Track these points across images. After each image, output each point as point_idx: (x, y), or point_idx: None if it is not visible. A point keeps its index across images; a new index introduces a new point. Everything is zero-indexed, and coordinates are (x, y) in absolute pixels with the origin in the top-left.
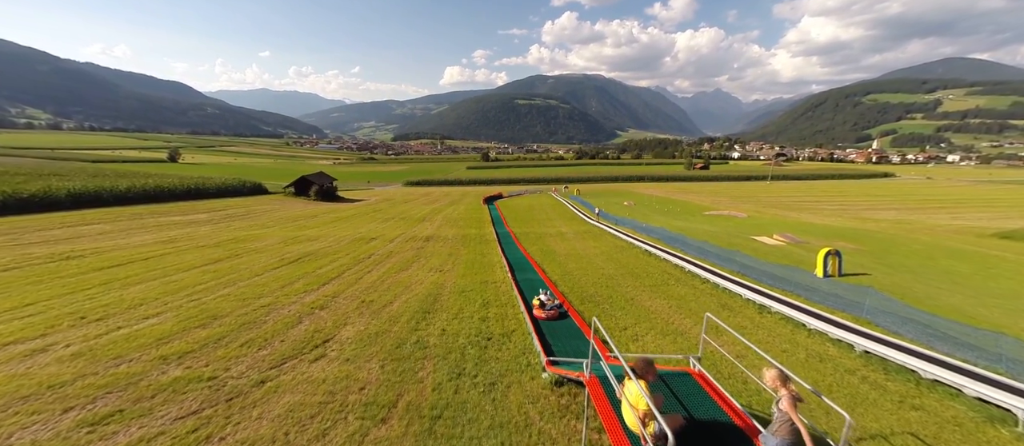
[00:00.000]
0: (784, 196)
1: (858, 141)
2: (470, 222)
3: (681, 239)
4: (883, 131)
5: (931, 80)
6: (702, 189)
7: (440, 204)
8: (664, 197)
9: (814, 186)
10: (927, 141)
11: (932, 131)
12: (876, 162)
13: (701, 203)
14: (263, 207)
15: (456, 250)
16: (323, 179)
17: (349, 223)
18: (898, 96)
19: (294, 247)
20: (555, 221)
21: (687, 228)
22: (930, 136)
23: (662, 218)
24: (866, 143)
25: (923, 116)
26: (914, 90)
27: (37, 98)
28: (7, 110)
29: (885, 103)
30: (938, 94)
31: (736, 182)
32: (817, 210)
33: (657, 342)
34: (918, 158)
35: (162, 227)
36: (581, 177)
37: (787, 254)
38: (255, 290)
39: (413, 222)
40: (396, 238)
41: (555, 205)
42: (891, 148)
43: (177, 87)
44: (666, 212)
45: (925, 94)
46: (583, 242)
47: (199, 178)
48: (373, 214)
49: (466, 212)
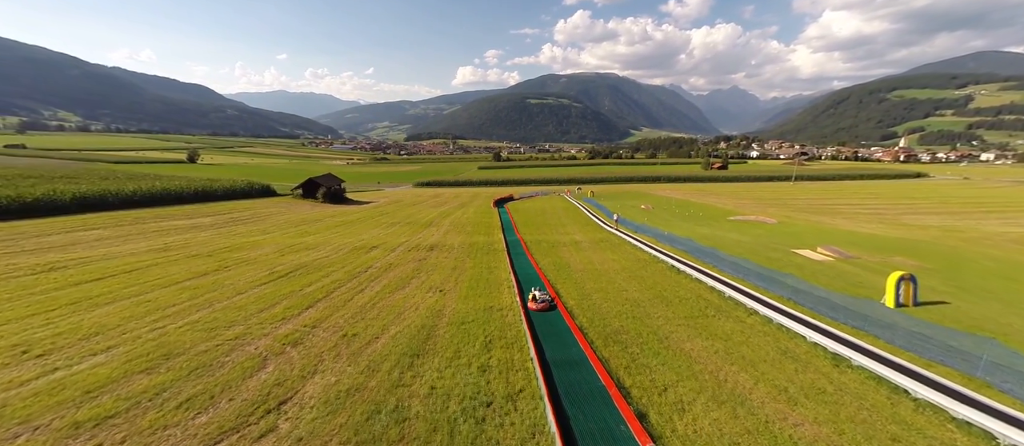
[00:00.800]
0: (812, 198)
1: (883, 139)
2: (478, 228)
3: (713, 253)
4: (910, 128)
5: (962, 75)
6: (722, 191)
7: (449, 207)
8: (683, 200)
9: (842, 187)
10: (958, 139)
11: (963, 128)
12: (904, 161)
13: (724, 206)
14: (269, 210)
15: (461, 262)
16: (331, 181)
17: (352, 229)
18: (926, 92)
19: (289, 257)
20: (569, 227)
21: (715, 237)
22: (961, 133)
23: (684, 224)
24: (892, 141)
25: (953, 113)
26: (943, 85)
27: (68, 101)
28: (40, 113)
29: (912, 99)
30: (970, 89)
31: (757, 183)
32: (853, 215)
33: (712, 418)
34: (950, 157)
35: (161, 233)
36: (594, 178)
37: (840, 274)
38: (229, 315)
39: (419, 227)
40: (399, 247)
41: (568, 208)
42: (919, 146)
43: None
44: (688, 217)
45: (955, 90)
46: (600, 253)
47: (207, 180)
48: (379, 218)
49: (475, 216)
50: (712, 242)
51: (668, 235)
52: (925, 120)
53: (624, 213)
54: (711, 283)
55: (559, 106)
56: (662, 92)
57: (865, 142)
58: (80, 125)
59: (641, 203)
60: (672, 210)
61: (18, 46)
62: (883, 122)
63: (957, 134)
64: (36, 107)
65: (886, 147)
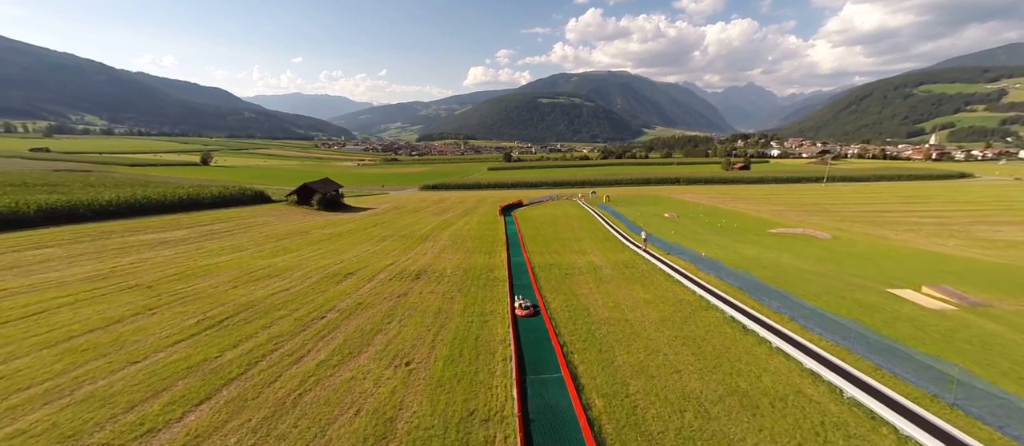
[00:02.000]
0: (857, 204)
1: (910, 136)
2: (480, 244)
3: (780, 295)
4: (939, 125)
5: (994, 68)
6: (750, 194)
7: (452, 214)
8: (710, 206)
9: (881, 189)
10: (991, 135)
11: (996, 124)
12: (937, 159)
13: (759, 215)
14: (255, 220)
15: (448, 304)
16: (328, 187)
17: (337, 244)
18: (955, 86)
19: (241, 291)
20: (585, 244)
21: (768, 263)
22: (994, 129)
23: (722, 240)
24: (920, 138)
25: (985, 108)
26: (974, 79)
27: (94, 105)
28: (68, 116)
29: (940, 94)
30: (1003, 83)
31: (785, 185)
32: (914, 226)
33: None
34: (987, 154)
35: (121, 251)
36: (608, 180)
37: (983, 339)
38: (85, 413)
39: (412, 243)
40: (380, 272)
41: (582, 217)
42: (950, 143)
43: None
44: (722, 229)
45: (987, 84)
46: (627, 288)
47: (198, 186)
48: (372, 229)
49: (478, 227)
50: (770, 272)
51: (709, 260)
52: (955, 116)
53: (646, 223)
54: (809, 364)
55: (570, 105)
56: (675, 90)
57: (890, 139)
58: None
59: (664, 211)
60: (701, 219)
61: (49, 53)
62: (909, 118)
63: (990, 130)
64: (65, 111)
65: (915, 145)
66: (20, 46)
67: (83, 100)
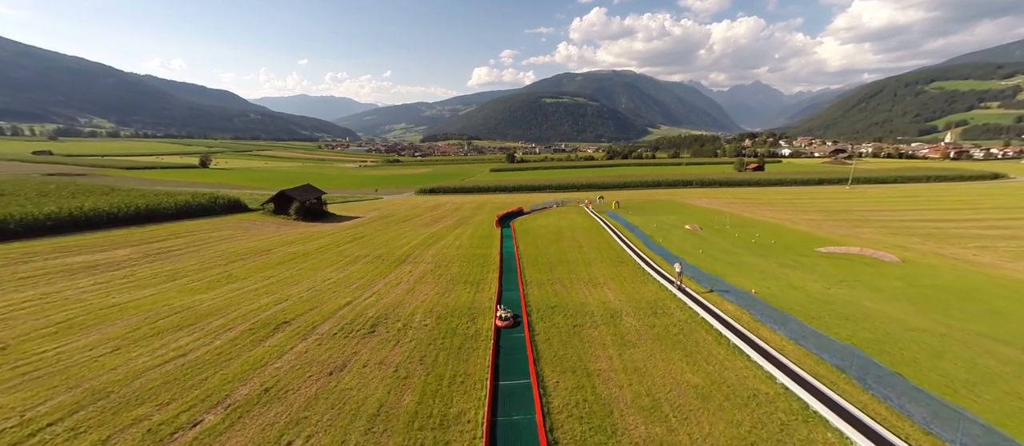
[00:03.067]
0: (896, 210)
1: (921, 134)
2: (468, 268)
3: (920, 394)
4: (952, 122)
5: (1008, 64)
6: (772, 199)
7: (444, 225)
8: (736, 215)
9: (915, 193)
10: (1006, 133)
11: (1011, 121)
12: (954, 158)
13: (795, 226)
14: (218, 234)
15: (398, 390)
16: (307, 194)
17: (293, 271)
18: (968, 83)
19: (114, 361)
20: (595, 269)
21: (848, 308)
22: (1009, 127)
23: (764, 264)
24: (932, 136)
25: (1000, 105)
26: (988, 76)
27: (102, 108)
28: (76, 119)
29: (953, 91)
30: (1017, 80)
31: (805, 187)
32: (987, 243)
33: None
34: (1008, 153)
35: (23, 281)
36: (616, 182)
37: None
38: None
39: (387, 266)
40: (327, 320)
41: (591, 229)
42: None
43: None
44: (758, 247)
45: (1001, 80)
46: (664, 360)
47: (162, 194)
48: (345, 247)
49: (470, 243)
50: (865, 330)
51: (768, 306)
52: (968, 113)
53: (665, 237)
54: None
55: (575, 105)
56: (681, 89)
57: (902, 137)
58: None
59: (683, 220)
60: (729, 233)
61: (59, 57)
62: (921, 116)
63: (1004, 128)
64: (73, 114)
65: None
66: (31, 50)
67: (91, 103)
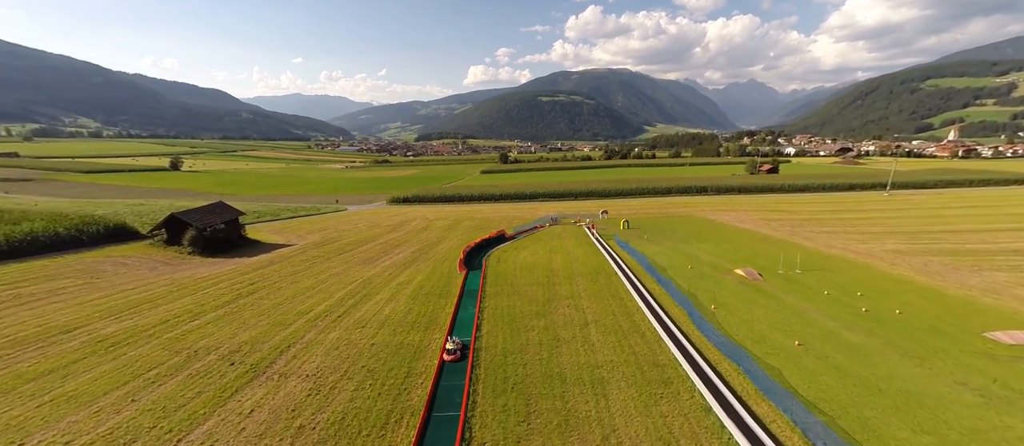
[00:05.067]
0: (996, 232)
1: (918, 131)
2: (366, 400)
3: None
4: (948, 120)
5: (1002, 61)
6: (815, 214)
7: (392, 260)
8: (792, 243)
9: (975, 201)
10: (1002, 129)
11: (1007, 118)
12: (963, 156)
13: (894, 270)
14: (49, 286)
15: None
16: (211, 218)
17: (69, 387)
18: (964, 80)
19: None
20: (616, 397)
21: None
22: (1005, 124)
23: (919, 385)
24: (929, 133)
25: (995, 102)
26: (982, 73)
27: (88, 108)
28: (60, 119)
29: (949, 88)
30: (1012, 77)
31: (835, 193)
32: None
33: None
34: (1016, 151)
35: None
36: (618, 189)
37: None
38: None
39: (231, 384)
40: None
41: (596, 274)
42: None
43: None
44: (875, 322)
45: (996, 77)
46: None
47: (22, 230)
48: (210, 317)
49: (407, 309)
50: None
51: None
52: (964, 110)
53: (715, 297)
54: None
55: (571, 103)
56: (676, 87)
57: (899, 135)
58: (94, 131)
59: (725, 257)
60: (807, 285)
61: (45, 55)
62: (917, 113)
63: (1001, 125)
64: (57, 114)
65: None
66: (17, 49)
67: (78, 102)
